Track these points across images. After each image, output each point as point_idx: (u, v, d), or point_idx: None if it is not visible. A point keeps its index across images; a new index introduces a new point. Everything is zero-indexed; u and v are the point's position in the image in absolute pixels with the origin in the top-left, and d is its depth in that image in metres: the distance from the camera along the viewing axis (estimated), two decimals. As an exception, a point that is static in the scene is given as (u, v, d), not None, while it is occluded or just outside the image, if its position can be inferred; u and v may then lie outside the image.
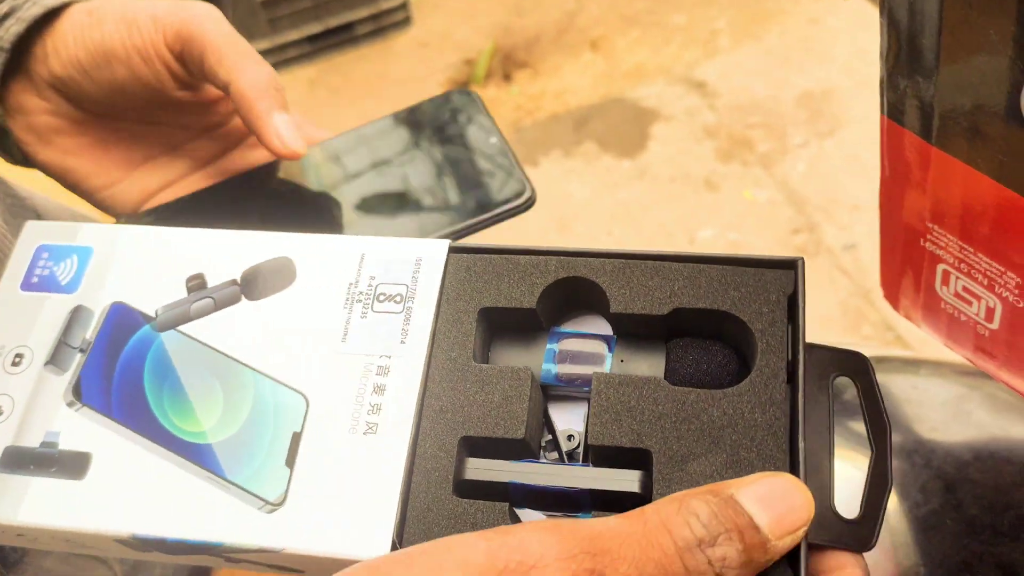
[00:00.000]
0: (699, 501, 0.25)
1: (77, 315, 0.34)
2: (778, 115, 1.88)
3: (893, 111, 0.31)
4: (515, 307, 0.33)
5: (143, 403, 0.32)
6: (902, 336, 1.52)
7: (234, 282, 0.34)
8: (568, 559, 0.23)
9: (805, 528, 0.26)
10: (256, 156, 0.47)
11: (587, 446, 0.31)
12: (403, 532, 0.30)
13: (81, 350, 0.33)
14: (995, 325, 0.34)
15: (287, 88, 0.43)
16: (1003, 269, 0.31)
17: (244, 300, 0.34)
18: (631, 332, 0.34)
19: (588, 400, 0.31)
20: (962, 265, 0.33)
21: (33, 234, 0.36)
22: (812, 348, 0.31)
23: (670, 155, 1.86)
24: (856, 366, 0.31)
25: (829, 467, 0.29)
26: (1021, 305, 0.32)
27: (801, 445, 0.28)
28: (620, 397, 0.30)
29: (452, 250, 0.34)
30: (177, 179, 0.47)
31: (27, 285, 0.35)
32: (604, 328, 0.34)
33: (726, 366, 0.32)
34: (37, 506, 0.31)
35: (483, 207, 0.44)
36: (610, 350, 0.33)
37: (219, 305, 0.34)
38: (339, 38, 2.17)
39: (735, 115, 1.90)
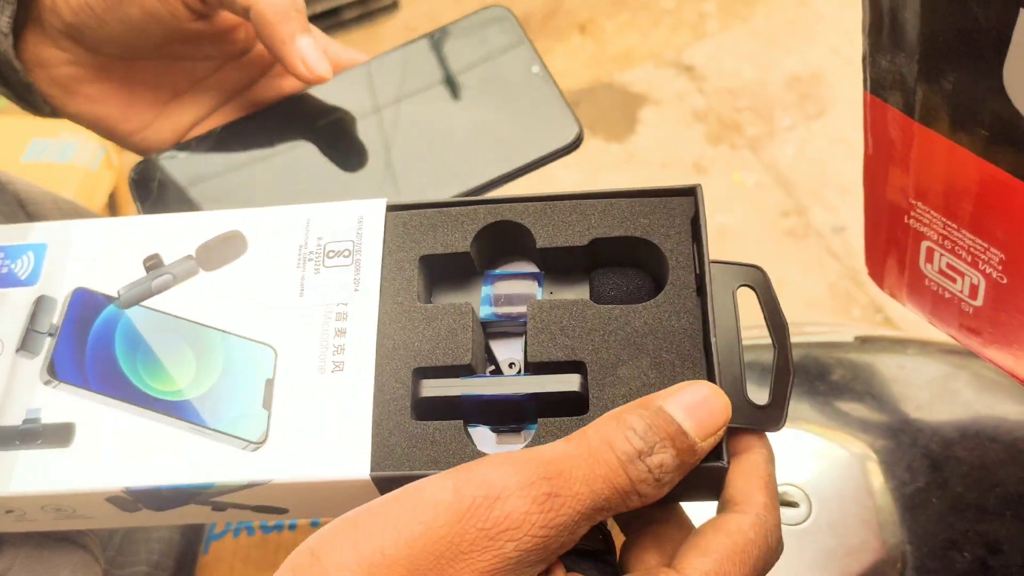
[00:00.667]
0: (634, 416, 0.28)
1: (41, 304, 0.36)
2: (766, 98, 1.87)
3: (876, 87, 0.31)
4: (451, 252, 0.36)
5: (118, 373, 0.34)
6: (891, 318, 1.52)
7: (189, 257, 0.36)
8: (528, 486, 0.26)
9: (725, 428, 0.29)
10: (284, 84, 0.47)
11: (527, 365, 0.34)
12: (375, 456, 0.32)
13: (50, 334, 0.35)
14: (979, 302, 0.34)
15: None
16: (987, 245, 0.31)
17: (201, 272, 0.36)
18: (557, 267, 0.37)
19: (525, 330, 0.34)
20: (946, 242, 0.33)
21: None
22: (716, 264, 0.34)
23: (659, 139, 1.86)
24: (756, 278, 0.34)
25: (740, 363, 0.32)
26: (1005, 282, 0.32)
27: (713, 341, 0.32)
28: (553, 318, 0.34)
29: (389, 208, 0.36)
30: (207, 113, 0.46)
31: None
32: (533, 269, 0.37)
33: (643, 287, 0.36)
34: (27, 476, 0.32)
35: (528, 150, 0.41)
36: (540, 285, 0.36)
37: (178, 279, 0.36)
38: (326, 23, 2.16)
39: (724, 99, 1.90)
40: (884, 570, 0.44)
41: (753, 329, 0.48)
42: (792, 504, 0.46)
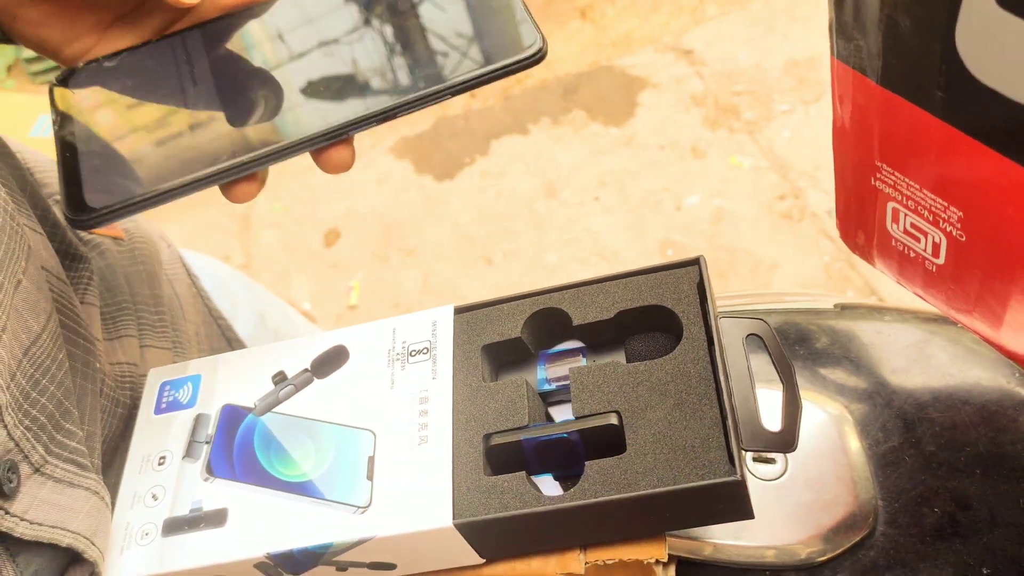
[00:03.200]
0: None
1: (199, 420, 0.45)
2: (764, 82, 1.89)
3: (841, 53, 0.33)
4: (506, 339, 0.43)
5: (257, 465, 0.43)
6: (884, 300, 1.54)
7: (306, 370, 0.45)
8: None
9: None
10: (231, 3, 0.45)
11: (576, 420, 0.41)
12: (455, 508, 0.39)
13: (206, 442, 0.44)
14: (941, 260, 0.36)
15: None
16: (946, 204, 0.33)
17: (315, 380, 0.45)
18: (593, 339, 0.44)
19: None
20: (909, 202, 0.35)
21: (156, 377, 0.48)
22: (725, 318, 0.40)
23: (658, 122, 1.88)
24: (761, 328, 0.40)
25: (754, 398, 0.38)
26: (964, 239, 0.34)
27: (723, 381, 0.38)
28: (591, 379, 0.40)
29: (456, 311, 0.45)
30: (152, 35, 0.45)
31: (158, 411, 0.47)
32: (578, 345, 0.44)
33: (667, 345, 0.42)
34: (194, 553, 0.41)
35: (488, 59, 0.40)
36: (584, 356, 0.43)
37: (298, 388, 0.45)
38: None
39: (722, 83, 1.91)
40: (856, 523, 0.46)
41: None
42: (769, 460, 0.48)
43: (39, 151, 0.59)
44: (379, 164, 1.88)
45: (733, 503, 0.37)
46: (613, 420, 0.39)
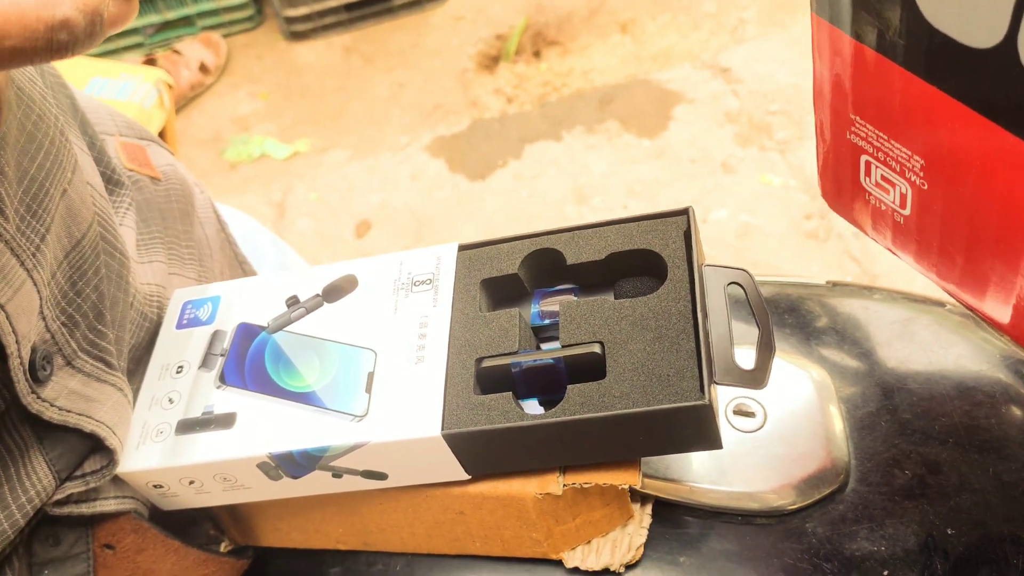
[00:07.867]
0: None
1: (216, 336, 0.49)
2: (799, 103, 1.90)
3: (820, 8, 0.35)
4: (504, 275, 0.47)
5: (267, 376, 0.46)
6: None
7: (317, 295, 0.49)
8: None
9: None
10: None
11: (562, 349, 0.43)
12: (444, 420, 0.42)
13: (221, 355, 0.48)
14: (907, 211, 0.38)
15: (323, 55, 0.46)
16: (910, 153, 0.36)
17: (326, 304, 0.48)
18: (586, 281, 0.47)
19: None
20: (879, 153, 0.37)
21: (179, 296, 0.52)
22: (710, 266, 0.43)
23: (690, 137, 1.90)
24: (743, 277, 0.43)
25: (731, 338, 0.41)
26: (926, 188, 0.36)
27: (700, 319, 0.40)
28: (579, 312, 0.43)
29: (460, 248, 0.48)
30: None
31: (179, 326, 0.51)
32: (571, 286, 0.48)
33: (654, 288, 0.45)
34: (203, 450, 0.44)
35: None
36: (575, 296, 0.46)
37: (310, 311, 0.48)
38: (376, 8, 2.22)
39: (757, 101, 1.94)
40: (828, 477, 0.48)
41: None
42: (749, 414, 0.50)
43: (91, 96, 0.63)
44: (414, 161, 1.92)
45: (701, 429, 0.40)
46: (596, 349, 0.42)
